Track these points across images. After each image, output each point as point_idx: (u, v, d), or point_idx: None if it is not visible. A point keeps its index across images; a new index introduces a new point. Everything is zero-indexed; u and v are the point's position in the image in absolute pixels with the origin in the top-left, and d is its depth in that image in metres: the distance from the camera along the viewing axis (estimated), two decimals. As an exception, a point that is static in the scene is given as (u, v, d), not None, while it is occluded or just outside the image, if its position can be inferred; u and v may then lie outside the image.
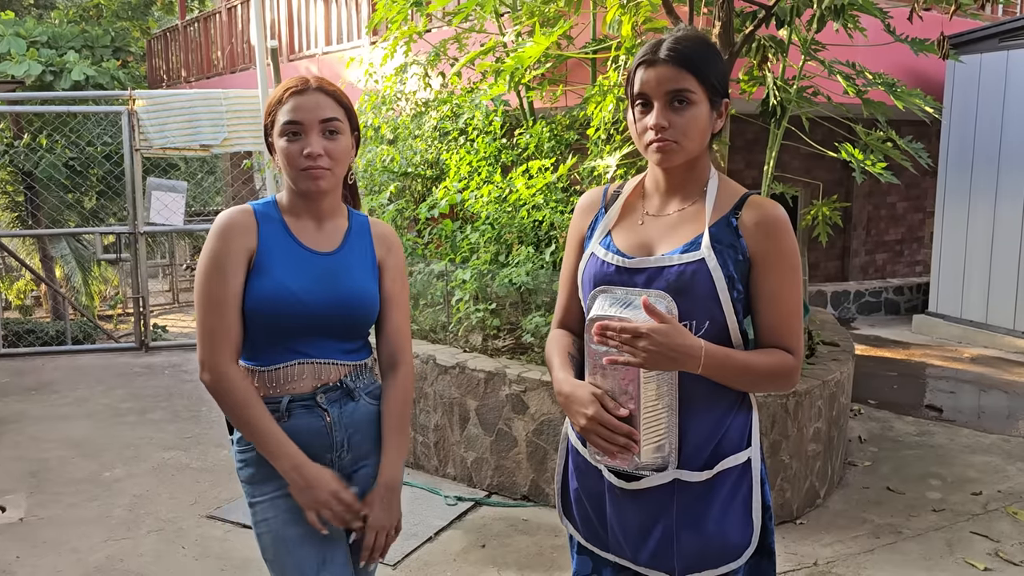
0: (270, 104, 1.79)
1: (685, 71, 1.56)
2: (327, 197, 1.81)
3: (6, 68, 10.67)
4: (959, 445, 4.75)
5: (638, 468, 1.59)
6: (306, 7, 9.68)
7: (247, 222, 1.76)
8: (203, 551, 3.44)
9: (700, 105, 1.58)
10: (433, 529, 3.59)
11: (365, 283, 1.82)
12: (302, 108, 1.74)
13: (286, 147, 1.74)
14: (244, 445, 1.79)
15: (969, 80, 7.34)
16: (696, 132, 1.59)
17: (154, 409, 5.35)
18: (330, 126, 1.75)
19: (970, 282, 7.50)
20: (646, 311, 1.49)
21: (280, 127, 1.75)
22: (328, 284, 1.77)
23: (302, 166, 1.73)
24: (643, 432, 1.55)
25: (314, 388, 1.78)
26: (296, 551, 1.75)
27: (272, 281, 1.73)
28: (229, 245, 1.72)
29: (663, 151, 1.59)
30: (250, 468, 1.79)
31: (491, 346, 4.32)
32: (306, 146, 1.72)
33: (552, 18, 4.95)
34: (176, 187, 7.15)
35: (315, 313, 1.75)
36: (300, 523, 1.75)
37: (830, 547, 3.50)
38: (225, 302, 1.71)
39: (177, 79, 13.55)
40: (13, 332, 7.41)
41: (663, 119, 1.57)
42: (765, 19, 3.90)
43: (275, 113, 1.77)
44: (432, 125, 5.36)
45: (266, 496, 1.77)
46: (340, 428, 1.80)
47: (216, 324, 1.71)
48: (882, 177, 3.92)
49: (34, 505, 3.88)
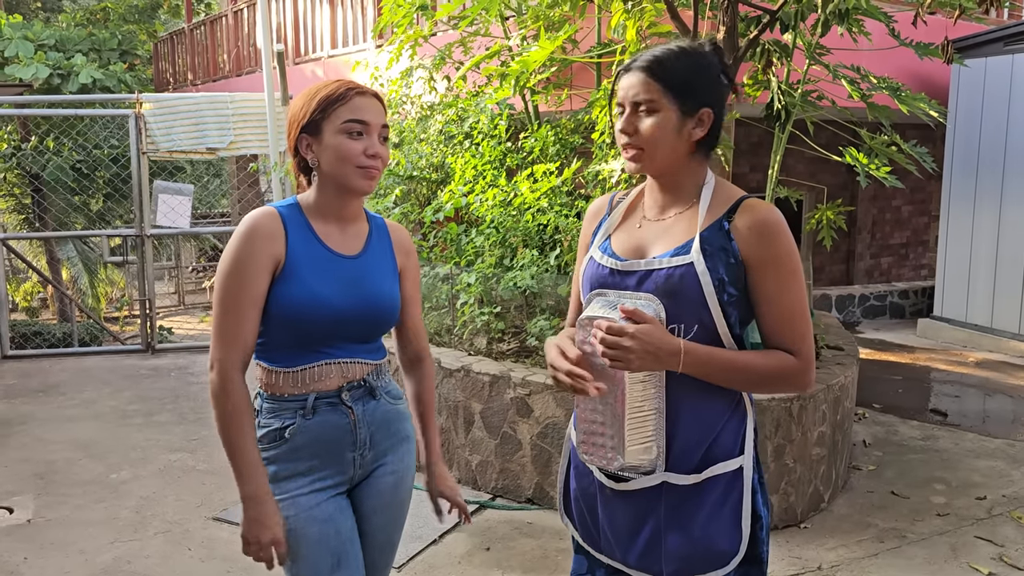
0: (323, 99, 1.74)
1: (651, 80, 1.61)
2: (361, 199, 1.84)
3: (14, 71, 10.73)
4: (964, 449, 4.74)
5: (623, 469, 1.60)
6: (312, 10, 9.71)
7: (274, 227, 1.74)
8: (209, 553, 3.46)
9: (664, 113, 1.61)
10: (437, 532, 3.60)
11: (388, 286, 1.86)
12: (368, 109, 1.75)
13: (347, 144, 1.73)
14: (267, 443, 1.80)
15: (974, 84, 7.34)
16: (662, 140, 1.62)
17: (160, 411, 5.38)
18: (384, 132, 1.78)
19: (975, 286, 7.49)
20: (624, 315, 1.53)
21: (342, 124, 1.72)
22: (354, 288, 1.78)
23: (362, 164, 1.74)
24: (629, 433, 1.57)
25: (340, 386, 1.80)
26: (312, 551, 1.76)
27: (302, 287, 1.73)
28: (253, 249, 1.71)
29: (629, 156, 1.65)
30: (273, 466, 1.79)
31: (496, 349, 4.33)
32: (370, 146, 1.74)
33: (557, 22, 4.97)
34: (182, 190, 7.18)
35: (342, 318, 1.76)
36: (318, 523, 1.77)
37: (834, 551, 3.50)
38: (241, 305, 1.71)
39: (183, 82, 13.60)
40: (20, 334, 7.45)
41: (628, 126, 1.63)
42: (769, 23, 3.91)
43: (332, 109, 1.73)
44: (437, 129, 5.38)
45: (288, 494, 1.78)
46: (364, 425, 1.83)
47: (230, 326, 1.71)
48: (886, 181, 3.93)
49: (41, 507, 3.90)
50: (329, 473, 1.80)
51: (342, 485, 1.84)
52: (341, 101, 1.73)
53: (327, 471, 1.80)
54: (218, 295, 1.73)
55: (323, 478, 1.80)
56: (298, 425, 1.78)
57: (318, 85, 1.79)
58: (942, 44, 4.06)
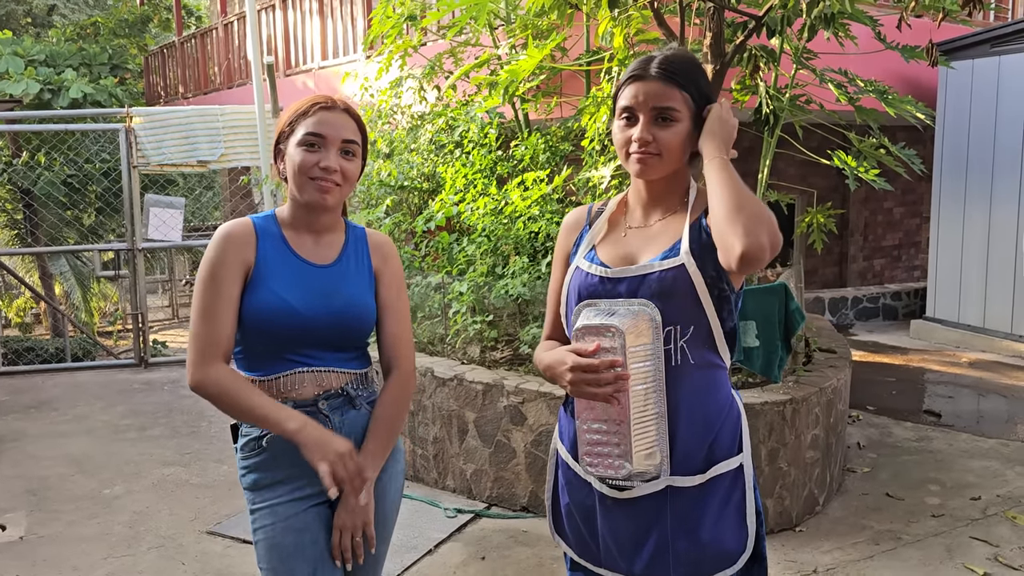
0: (293, 113, 1.81)
1: (673, 88, 1.61)
2: (328, 212, 1.85)
3: (4, 87, 10.71)
4: (958, 450, 4.75)
5: (630, 476, 1.59)
6: (302, 22, 9.73)
7: (245, 234, 1.80)
8: (203, 567, 3.44)
9: (683, 123, 1.63)
10: (433, 542, 3.59)
11: (361, 295, 1.85)
12: (328, 123, 1.78)
13: (302, 156, 1.77)
14: (247, 452, 1.81)
15: (962, 85, 7.38)
16: (677, 148, 1.64)
17: (154, 425, 5.36)
18: (349, 147, 1.80)
19: (967, 287, 7.51)
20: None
21: (301, 137, 1.78)
22: (324, 296, 1.80)
23: (313, 175, 1.77)
24: (634, 440, 1.56)
25: (315, 395, 1.81)
26: (289, 560, 1.77)
27: (269, 294, 1.76)
28: (225, 255, 1.76)
29: (643, 163, 1.64)
30: (253, 474, 1.81)
31: (489, 358, 4.33)
32: (323, 159, 1.77)
33: (545, 31, 4.99)
34: (174, 203, 7.18)
35: (312, 325, 1.78)
36: (296, 532, 1.77)
37: (830, 554, 3.50)
38: (216, 310, 1.74)
39: (174, 95, 13.60)
40: (12, 350, 7.42)
41: (647, 133, 1.62)
42: (756, 29, 3.93)
43: (297, 123, 1.79)
44: (428, 138, 5.39)
45: (267, 503, 1.79)
46: (341, 434, 1.81)
47: (205, 331, 1.74)
48: (876, 184, 3.95)
49: (34, 523, 3.88)
50: (308, 482, 1.79)
51: (322, 495, 1.82)
52: (305, 115, 1.79)
53: (305, 480, 1.79)
54: (194, 303, 1.78)
55: (302, 487, 1.80)
56: (275, 434, 1.78)
57: (302, 99, 1.84)
58: (926, 47, 4.08)
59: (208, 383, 1.73)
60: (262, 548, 1.80)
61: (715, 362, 1.66)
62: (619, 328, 1.54)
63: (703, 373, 1.64)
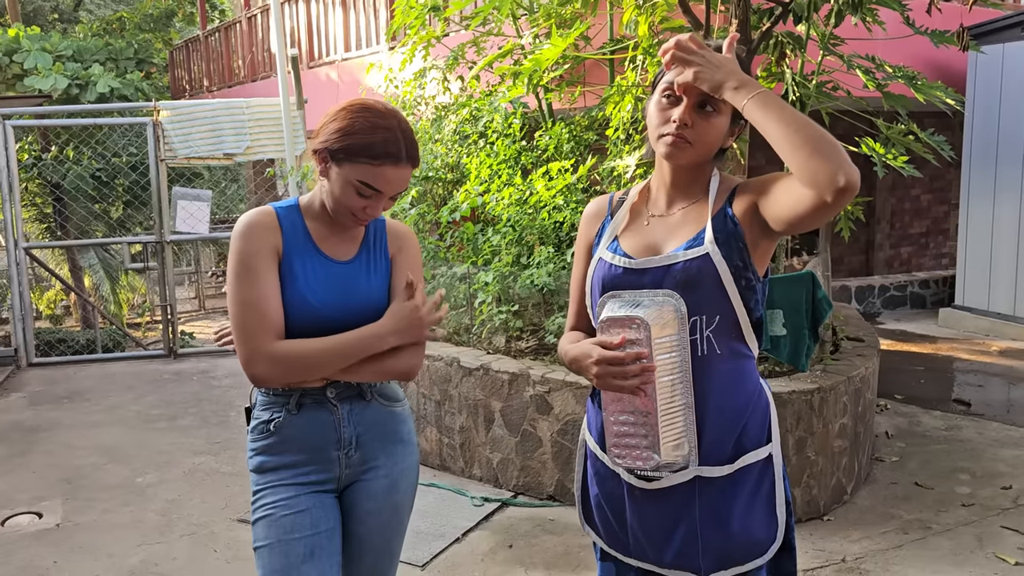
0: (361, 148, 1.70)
1: None
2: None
3: (33, 83, 10.86)
4: (988, 439, 4.70)
5: (659, 467, 1.59)
6: (325, 14, 9.76)
7: (269, 222, 1.79)
8: (235, 554, 3.49)
9: (723, 116, 1.61)
10: (460, 530, 3.61)
11: (378, 291, 1.86)
12: (392, 182, 1.74)
13: (351, 199, 1.73)
14: (256, 435, 1.84)
15: (992, 70, 7.26)
16: (712, 140, 1.62)
17: (184, 415, 5.43)
18: (398, 195, 1.80)
19: (997, 274, 7.41)
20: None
21: (358, 180, 1.71)
22: (343, 294, 1.80)
23: (356, 211, 1.76)
24: (661, 431, 1.56)
25: (325, 383, 1.81)
26: (285, 539, 1.77)
27: (293, 292, 1.76)
28: (255, 244, 1.74)
29: (675, 146, 1.60)
30: (260, 457, 1.84)
31: (514, 347, 4.34)
32: (371, 208, 1.76)
33: (569, 19, 4.97)
34: (201, 196, 7.25)
35: (329, 325, 1.77)
36: (293, 512, 1.79)
37: (858, 543, 3.49)
38: (258, 300, 1.72)
39: (199, 89, 13.71)
40: (45, 341, 7.55)
41: (688, 117, 1.59)
42: (782, 15, 3.90)
43: (359, 160, 1.70)
44: (452, 129, 5.40)
45: (268, 483, 1.82)
46: (349, 425, 1.83)
47: (253, 319, 1.71)
48: (904, 171, 3.90)
49: (69, 511, 3.96)
50: (313, 470, 1.82)
51: (327, 484, 1.84)
52: (372, 162, 1.71)
53: (311, 467, 1.82)
54: (232, 298, 1.73)
55: (307, 474, 1.82)
56: (284, 419, 1.80)
57: (368, 115, 1.73)
58: (957, 32, 4.03)
59: (270, 361, 1.70)
60: (260, 527, 1.80)
61: (742, 352, 1.65)
62: (644, 320, 1.53)
63: (730, 363, 1.63)
